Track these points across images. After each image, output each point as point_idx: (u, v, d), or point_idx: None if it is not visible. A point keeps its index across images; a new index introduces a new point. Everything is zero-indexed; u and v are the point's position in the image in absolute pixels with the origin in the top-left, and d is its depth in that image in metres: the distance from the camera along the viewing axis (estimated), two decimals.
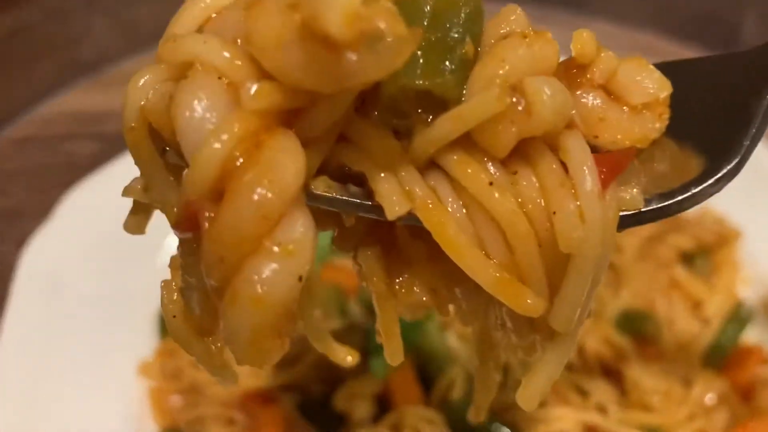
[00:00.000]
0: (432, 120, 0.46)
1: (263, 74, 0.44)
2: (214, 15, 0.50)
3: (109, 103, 1.56)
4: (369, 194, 0.48)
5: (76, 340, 1.07)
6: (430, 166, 0.48)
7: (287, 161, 0.42)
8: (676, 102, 0.51)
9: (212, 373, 0.53)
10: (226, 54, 0.45)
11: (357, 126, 0.47)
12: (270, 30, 0.42)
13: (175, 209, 0.46)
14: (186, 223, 0.44)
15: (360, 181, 0.49)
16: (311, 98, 0.44)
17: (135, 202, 0.54)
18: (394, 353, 0.53)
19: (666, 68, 0.53)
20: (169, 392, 1.07)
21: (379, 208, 0.47)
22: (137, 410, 1.05)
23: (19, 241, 1.19)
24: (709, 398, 1.03)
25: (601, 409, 1.01)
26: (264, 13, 0.43)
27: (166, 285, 0.52)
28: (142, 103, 0.48)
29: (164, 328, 1.11)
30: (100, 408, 1.03)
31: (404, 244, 0.52)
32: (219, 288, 0.43)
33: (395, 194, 0.46)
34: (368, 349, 0.98)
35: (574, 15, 1.85)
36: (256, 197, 0.41)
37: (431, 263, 0.52)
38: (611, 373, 1.06)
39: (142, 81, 0.48)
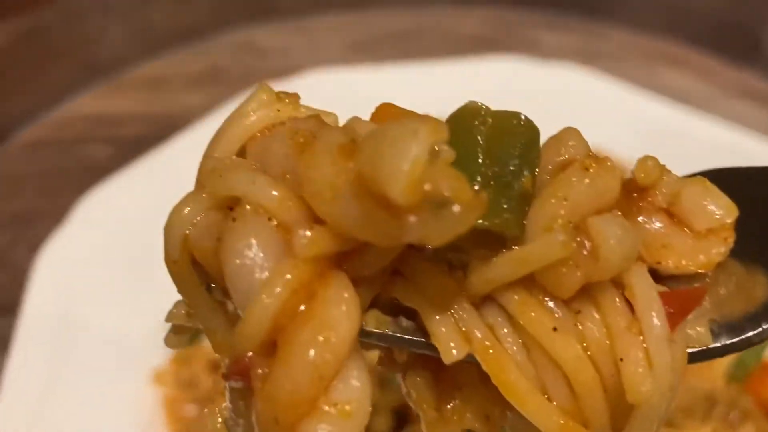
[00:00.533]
0: (489, 255, 0.44)
1: (315, 216, 0.42)
2: (258, 134, 0.48)
3: (125, 107, 1.55)
4: (422, 328, 0.46)
5: (89, 347, 1.06)
6: (486, 298, 0.46)
7: (342, 316, 0.41)
8: (740, 217, 0.49)
9: None
10: (275, 193, 0.43)
11: (410, 261, 0.45)
12: (323, 179, 0.40)
13: (226, 362, 0.44)
14: (237, 376, 0.42)
15: (413, 312, 0.47)
16: (365, 242, 0.42)
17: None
18: None
19: (722, 176, 0.51)
20: (184, 401, 1.04)
21: (434, 347, 0.45)
22: (150, 419, 1.02)
23: (33, 244, 1.18)
24: (733, 415, 1.01)
25: None
26: (315, 162, 0.41)
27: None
28: (186, 233, 0.46)
29: None
30: (113, 416, 1.01)
31: (455, 369, 0.50)
32: None
33: (452, 339, 0.44)
34: None
35: (593, 22, 1.81)
36: (311, 358, 0.40)
37: (483, 386, 0.50)
38: None
39: (185, 210, 0.46)
